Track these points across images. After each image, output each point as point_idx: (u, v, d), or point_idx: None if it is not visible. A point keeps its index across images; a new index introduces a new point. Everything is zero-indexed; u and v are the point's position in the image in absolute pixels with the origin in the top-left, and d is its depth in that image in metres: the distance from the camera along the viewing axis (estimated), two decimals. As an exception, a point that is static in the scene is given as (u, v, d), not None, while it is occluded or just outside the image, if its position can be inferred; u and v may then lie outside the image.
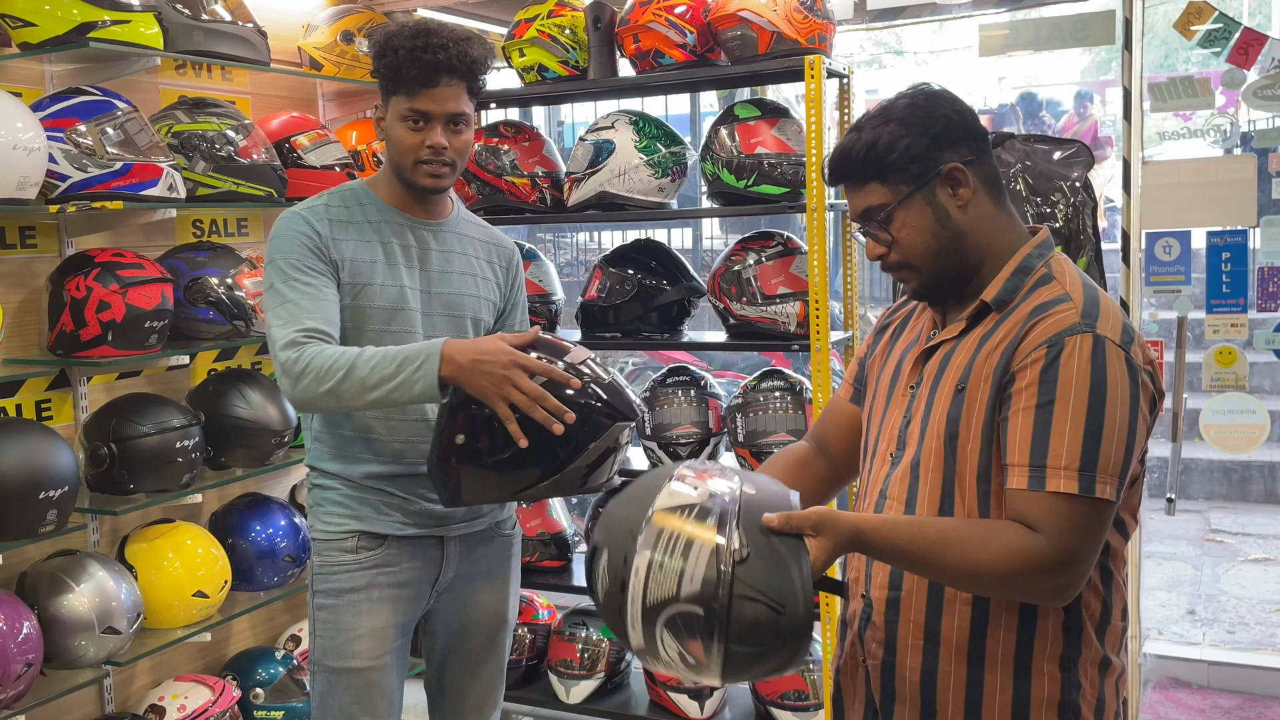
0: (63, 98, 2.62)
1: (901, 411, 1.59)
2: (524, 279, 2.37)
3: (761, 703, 3.13)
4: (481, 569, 2.24)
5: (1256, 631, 4.66)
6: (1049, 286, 1.49)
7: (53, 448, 2.52)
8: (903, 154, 1.50)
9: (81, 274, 2.64)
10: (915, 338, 1.64)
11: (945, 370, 1.53)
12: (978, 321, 1.52)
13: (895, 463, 1.58)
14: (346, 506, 2.12)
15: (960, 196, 1.51)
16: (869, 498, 1.62)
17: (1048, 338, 1.41)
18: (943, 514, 1.49)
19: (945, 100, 1.54)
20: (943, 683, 1.50)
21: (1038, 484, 1.38)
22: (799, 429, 2.97)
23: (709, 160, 3.02)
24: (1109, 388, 1.38)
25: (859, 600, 1.61)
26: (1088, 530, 1.38)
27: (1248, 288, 3.18)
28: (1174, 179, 3.20)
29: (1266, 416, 3.27)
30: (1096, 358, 1.39)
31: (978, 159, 1.52)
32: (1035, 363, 1.40)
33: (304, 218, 2.06)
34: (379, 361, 1.87)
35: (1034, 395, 1.40)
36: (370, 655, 2.10)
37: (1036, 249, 1.54)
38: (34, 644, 2.45)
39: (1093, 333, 1.40)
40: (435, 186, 2.10)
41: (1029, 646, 1.46)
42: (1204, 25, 3.11)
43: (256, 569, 3.05)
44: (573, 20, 3.15)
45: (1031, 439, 1.39)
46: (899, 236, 1.53)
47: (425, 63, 2.01)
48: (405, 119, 2.05)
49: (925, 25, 3.58)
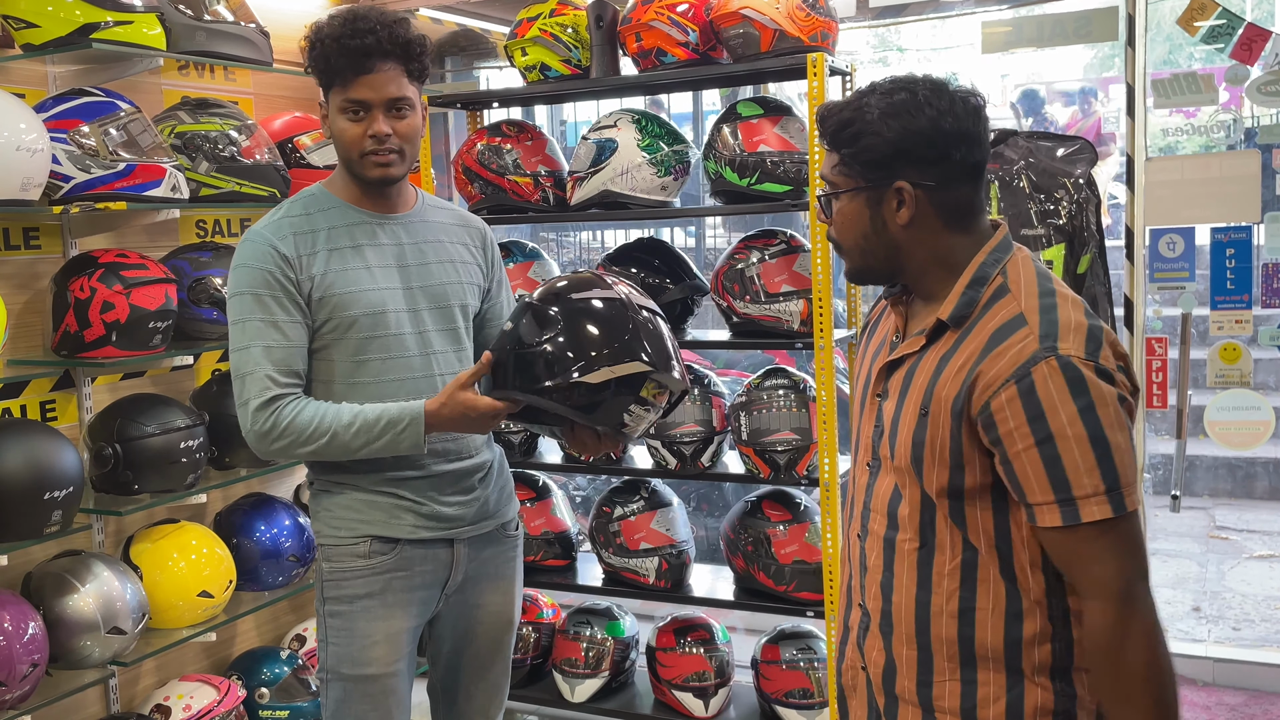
0: (66, 99, 2.63)
1: (871, 421, 1.59)
2: (499, 253, 2.33)
3: (767, 701, 3.13)
4: (488, 571, 2.23)
5: (1262, 628, 4.65)
6: (1004, 301, 1.45)
7: (57, 448, 2.52)
8: (863, 150, 1.47)
9: (85, 275, 2.65)
10: (882, 340, 1.64)
11: (909, 389, 1.51)
12: (936, 337, 1.50)
13: (873, 473, 1.59)
14: (357, 510, 2.09)
15: (901, 215, 1.47)
16: (855, 507, 1.64)
17: (1011, 373, 1.38)
18: (924, 527, 1.50)
19: (948, 114, 1.45)
20: (938, 691, 1.51)
21: (1072, 518, 1.37)
22: (803, 427, 2.97)
23: (711, 159, 3.02)
24: (1098, 407, 1.36)
25: (856, 608, 1.62)
26: (1134, 542, 1.39)
27: (1252, 284, 3.17)
28: (1178, 175, 3.19)
29: (1271, 413, 3.26)
30: (1072, 382, 1.36)
31: (940, 186, 1.47)
32: (1010, 401, 1.38)
33: (268, 244, 1.99)
34: (361, 426, 1.95)
35: (1028, 435, 1.37)
36: (386, 661, 2.08)
37: (991, 255, 1.49)
38: (39, 644, 2.45)
39: (1055, 355, 1.37)
40: (384, 176, 2.04)
41: (1018, 658, 1.46)
42: (1207, 21, 3.10)
43: (261, 569, 3.06)
44: (575, 19, 3.15)
45: (1047, 476, 1.37)
46: (836, 220, 1.54)
47: (354, 49, 1.96)
48: (344, 111, 2.00)
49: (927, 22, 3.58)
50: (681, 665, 3.17)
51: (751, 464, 3.03)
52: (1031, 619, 1.46)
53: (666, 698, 3.19)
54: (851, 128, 1.47)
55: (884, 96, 1.46)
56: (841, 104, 1.50)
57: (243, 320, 1.98)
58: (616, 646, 3.30)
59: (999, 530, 1.46)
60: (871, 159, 1.46)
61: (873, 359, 1.64)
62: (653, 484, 3.29)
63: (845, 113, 1.48)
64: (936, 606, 1.49)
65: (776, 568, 3.01)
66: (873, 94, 1.48)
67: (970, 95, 1.48)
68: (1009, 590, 1.46)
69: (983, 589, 1.47)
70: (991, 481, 1.44)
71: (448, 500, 2.12)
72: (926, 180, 1.46)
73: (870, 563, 1.58)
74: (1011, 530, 1.45)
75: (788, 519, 3.05)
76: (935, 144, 1.45)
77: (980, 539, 1.46)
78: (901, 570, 1.52)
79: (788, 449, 2.96)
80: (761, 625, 3.41)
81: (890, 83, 1.49)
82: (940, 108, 1.45)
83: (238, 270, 2.01)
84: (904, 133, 1.44)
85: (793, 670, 3.07)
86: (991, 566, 1.46)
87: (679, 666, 3.17)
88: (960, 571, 1.48)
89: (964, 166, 1.47)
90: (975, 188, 1.50)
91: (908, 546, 1.52)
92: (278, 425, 1.94)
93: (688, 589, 3.21)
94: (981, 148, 1.48)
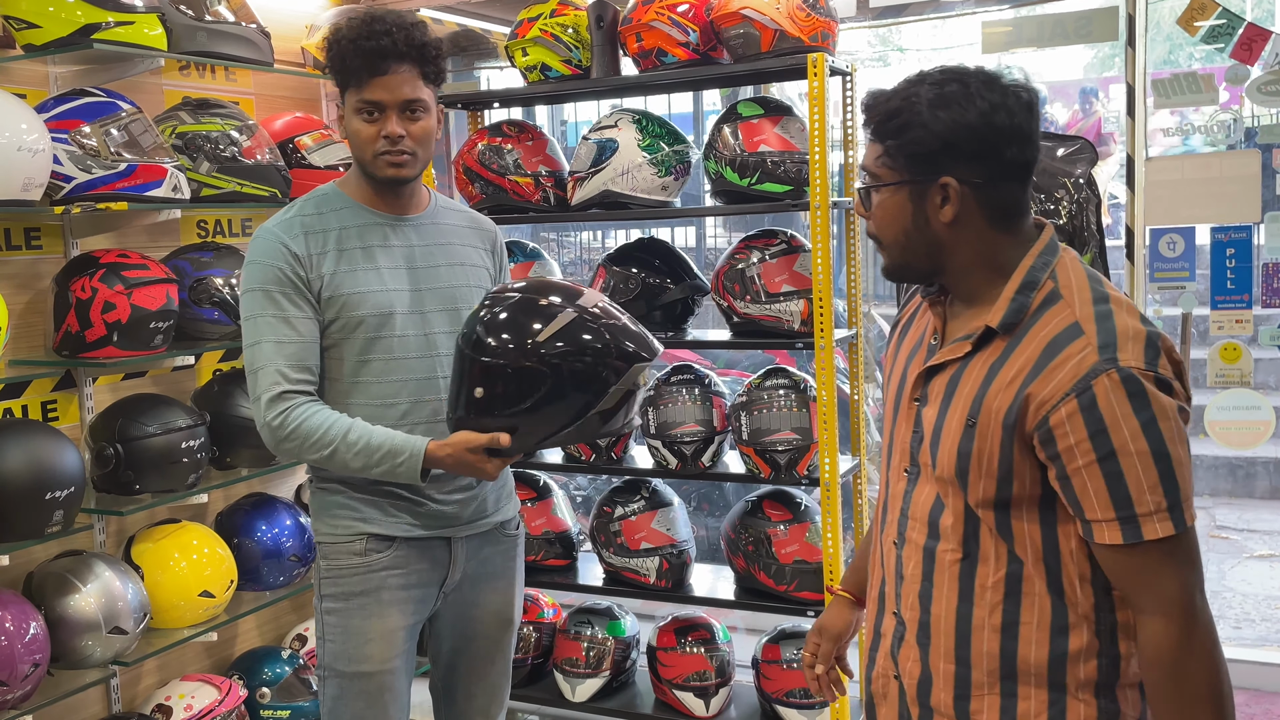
0: (67, 99, 2.63)
1: (909, 426, 1.54)
2: (507, 257, 2.35)
3: (767, 701, 3.13)
4: (488, 570, 2.23)
5: (1262, 628, 4.65)
6: (1057, 308, 1.40)
7: (58, 448, 2.52)
8: (909, 143, 1.40)
9: (86, 275, 2.65)
10: (918, 342, 1.57)
11: (954, 397, 1.46)
12: (984, 345, 1.44)
13: (912, 480, 1.53)
14: (353, 509, 2.10)
15: (944, 213, 1.41)
16: (891, 514, 1.58)
17: (1071, 386, 1.33)
18: (967, 538, 1.45)
19: (1000, 109, 1.38)
20: (976, 706, 1.46)
21: (1134, 535, 1.33)
22: (804, 427, 2.97)
23: (712, 159, 3.02)
24: (1159, 421, 1.32)
25: (890, 616, 1.57)
26: (1193, 557, 1.37)
27: (1252, 284, 3.17)
28: (1178, 175, 3.19)
29: (1271, 413, 3.26)
30: (1134, 396, 1.32)
31: (988, 183, 1.40)
32: (1071, 416, 1.33)
33: (279, 241, 2.02)
34: (362, 449, 1.97)
35: (1089, 451, 1.33)
36: (381, 659, 2.09)
37: (1040, 259, 1.44)
38: (41, 644, 2.46)
39: (1117, 368, 1.32)
40: (397, 177, 2.05)
41: (1061, 674, 1.42)
42: (1207, 21, 3.10)
43: (262, 568, 3.06)
44: (575, 19, 3.15)
45: (1109, 494, 1.33)
46: (876, 213, 1.47)
47: (370, 51, 1.98)
48: (360, 111, 2.02)
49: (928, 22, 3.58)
50: (682, 665, 3.17)
51: (752, 464, 3.04)
52: (1078, 634, 1.42)
53: (667, 697, 3.19)
54: (899, 118, 1.40)
55: (934, 87, 1.39)
56: (889, 93, 1.43)
57: (254, 316, 2.01)
58: (617, 646, 3.30)
59: (1046, 543, 1.41)
60: (917, 152, 1.40)
61: (908, 361, 1.57)
62: (653, 484, 3.30)
63: (893, 102, 1.41)
64: (979, 620, 1.45)
65: (777, 567, 3.01)
66: (922, 84, 1.41)
67: (1024, 89, 1.41)
68: (1055, 604, 1.42)
69: (1027, 603, 1.42)
70: (1040, 493, 1.40)
71: (445, 499, 2.13)
72: (974, 177, 1.39)
73: (908, 572, 1.53)
74: (1060, 543, 1.41)
75: (788, 519, 3.05)
76: (986, 139, 1.38)
77: (1027, 552, 1.42)
78: (942, 581, 1.48)
79: (788, 449, 2.96)
80: (762, 625, 3.42)
81: (941, 72, 1.42)
82: (993, 101, 1.38)
83: (249, 267, 2.03)
84: (953, 126, 1.37)
85: (793, 670, 3.07)
86: (1038, 580, 1.42)
87: (680, 666, 3.17)
88: (1004, 584, 1.43)
89: (1014, 164, 1.41)
90: (1024, 186, 1.44)
91: (949, 558, 1.47)
92: (286, 425, 1.97)
93: (688, 589, 3.21)
94: (1034, 145, 1.42)
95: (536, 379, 1.89)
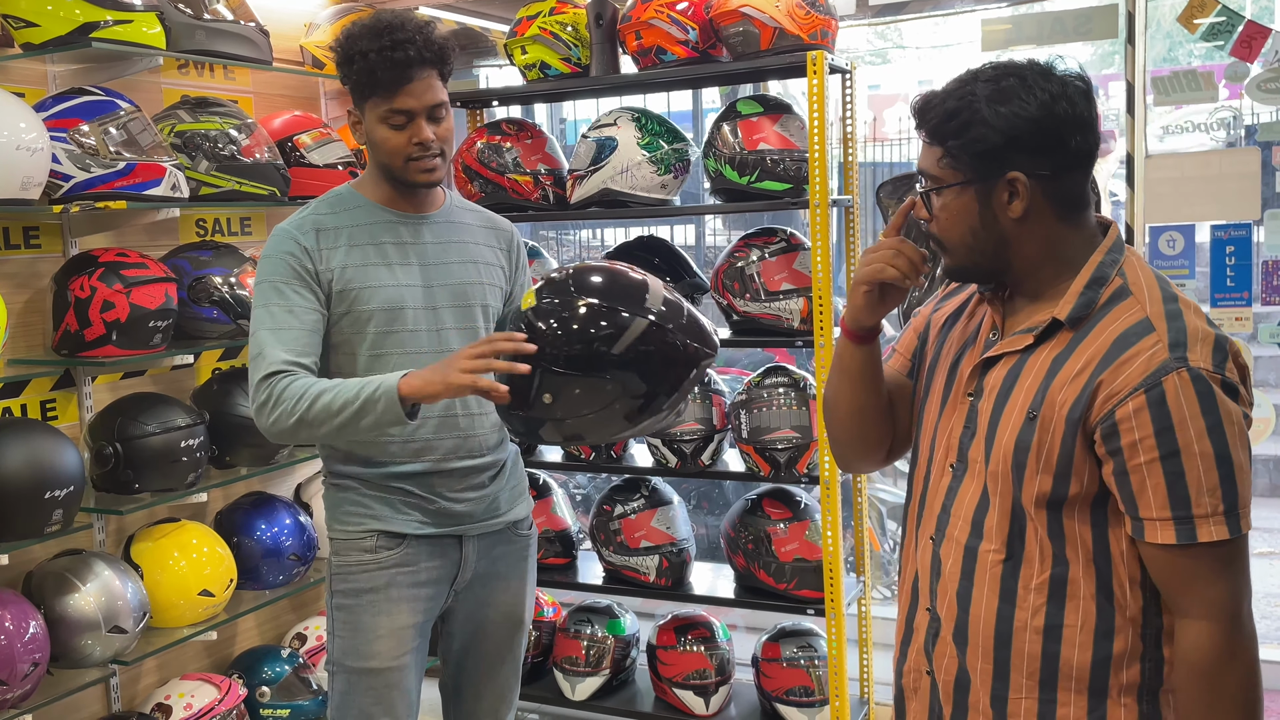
0: (65, 98, 2.63)
1: (961, 420, 1.51)
2: (526, 259, 2.34)
3: (767, 699, 3.13)
4: (499, 569, 2.23)
5: (1262, 626, 4.66)
6: (1126, 304, 1.38)
7: (58, 447, 2.52)
8: (972, 142, 1.38)
9: (85, 274, 2.65)
10: (972, 335, 1.54)
11: (1014, 389, 1.43)
12: (1048, 337, 1.42)
13: (957, 476, 1.51)
14: (364, 506, 2.10)
15: (1013, 208, 1.39)
16: (930, 509, 1.55)
17: (1141, 380, 1.32)
18: (1012, 539, 1.43)
19: (1061, 99, 1.37)
20: (1014, 709, 1.44)
21: (1188, 536, 1.32)
22: (803, 425, 2.97)
23: (711, 157, 3.02)
24: (1225, 424, 1.32)
25: (924, 612, 1.55)
26: (1244, 564, 1.36)
27: (1252, 281, 3.17)
28: (1177, 173, 3.19)
29: (1272, 410, 3.26)
30: (1203, 397, 1.31)
31: (1054, 175, 1.39)
32: (1138, 411, 1.32)
33: (290, 235, 2.05)
34: (340, 389, 1.88)
35: (1153, 449, 1.32)
36: (390, 655, 2.09)
37: (1109, 255, 1.42)
38: (40, 643, 2.45)
39: (1187, 367, 1.31)
40: (430, 181, 2.08)
41: (1104, 678, 1.40)
42: (1207, 18, 3.10)
43: (262, 567, 3.06)
44: (575, 17, 3.15)
45: (1168, 492, 1.32)
46: (939, 215, 1.45)
47: (397, 60, 1.97)
48: (386, 120, 2.02)
49: (927, 20, 3.57)
50: (682, 663, 3.17)
51: (752, 462, 3.04)
52: (1123, 637, 1.40)
53: (667, 696, 3.19)
54: (959, 118, 1.38)
55: (990, 83, 1.38)
56: (943, 93, 1.42)
57: (259, 307, 2.03)
58: (617, 645, 3.30)
59: (1097, 545, 1.40)
60: (982, 149, 1.37)
61: (958, 355, 1.55)
62: (653, 482, 3.30)
63: (949, 102, 1.40)
64: (1020, 621, 1.43)
65: (777, 566, 3.01)
66: (977, 81, 1.39)
67: (1079, 78, 1.40)
68: (1102, 607, 1.40)
69: (1071, 605, 1.41)
70: (1095, 492, 1.39)
71: (456, 496, 2.13)
72: (1041, 170, 1.38)
73: (946, 569, 1.51)
74: (1111, 545, 1.39)
75: (788, 517, 3.05)
76: (1050, 130, 1.37)
77: (1078, 553, 1.40)
78: (983, 581, 1.46)
79: (788, 447, 2.96)
80: (762, 623, 3.42)
81: (994, 69, 1.40)
82: (1053, 91, 1.37)
83: (261, 261, 2.06)
84: (1015, 120, 1.36)
85: (793, 668, 3.07)
86: (1085, 582, 1.40)
87: (679, 664, 3.17)
88: (1049, 586, 1.41)
89: (1079, 154, 1.39)
90: (1086, 176, 1.42)
91: (992, 558, 1.45)
92: (271, 396, 1.93)
93: (688, 587, 3.21)
94: (1095, 133, 1.40)
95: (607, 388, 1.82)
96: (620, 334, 1.80)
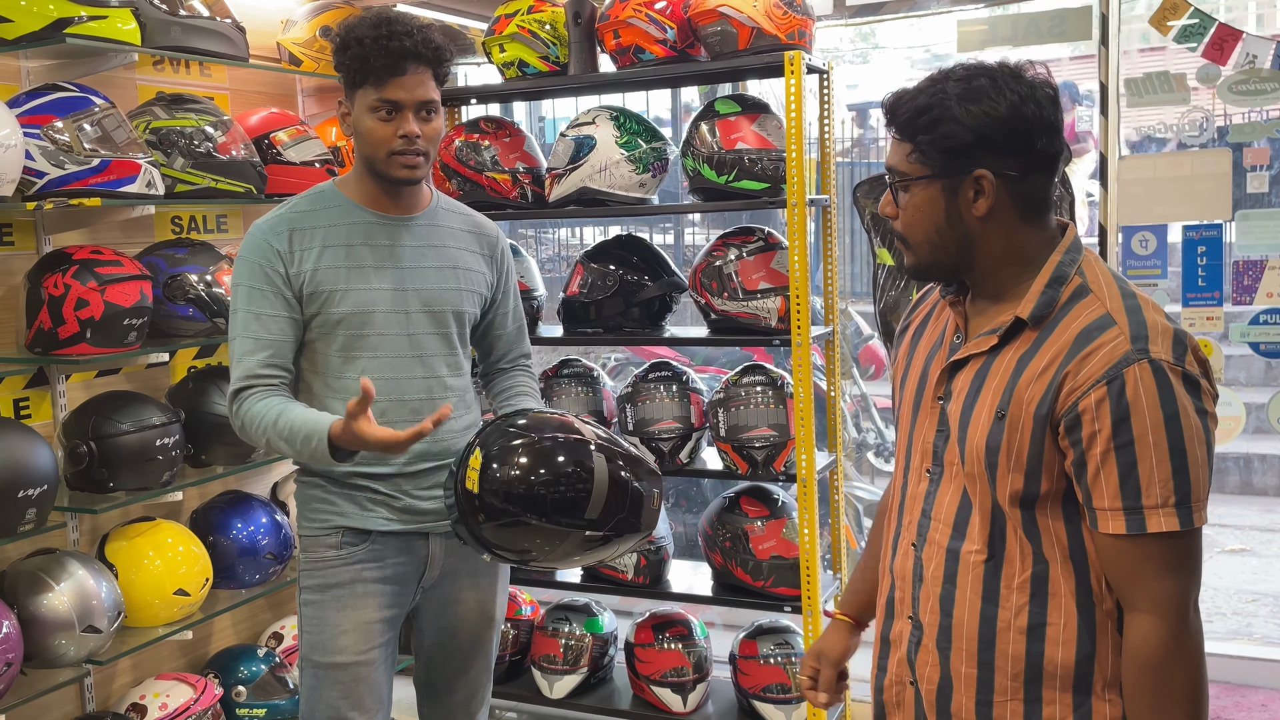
0: (39, 94, 2.60)
1: (933, 425, 1.53)
2: (512, 264, 2.35)
3: (745, 696, 3.14)
4: (469, 567, 2.23)
5: (1234, 621, 4.71)
6: (1086, 301, 1.41)
7: (31, 446, 2.50)
8: (940, 138, 1.40)
9: (59, 271, 2.63)
10: (938, 340, 1.57)
11: (982, 390, 1.45)
12: (1012, 338, 1.44)
13: (934, 480, 1.53)
14: (330, 503, 2.12)
15: (978, 206, 1.42)
16: (911, 514, 1.57)
17: (1104, 372, 1.34)
18: (993, 538, 1.45)
19: (1029, 100, 1.39)
20: (999, 712, 1.46)
21: (1137, 527, 1.34)
22: (780, 423, 2.98)
23: (690, 156, 3.03)
24: (1182, 416, 1.33)
25: (905, 621, 1.56)
26: (1195, 560, 1.37)
27: (1223, 281, 3.21)
28: (1150, 173, 3.22)
29: (1242, 409, 3.30)
30: (1162, 388, 1.33)
31: (1021, 176, 1.41)
32: (1100, 402, 1.34)
33: (265, 237, 2.06)
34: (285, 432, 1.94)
35: (1109, 439, 1.34)
36: (356, 650, 2.10)
37: (1067, 255, 1.45)
38: (14, 643, 2.44)
39: (1148, 359, 1.33)
40: (410, 178, 2.08)
41: (1088, 675, 1.42)
42: (1180, 20, 3.13)
43: (238, 566, 3.04)
44: (553, 16, 3.15)
45: (1119, 482, 1.34)
46: (905, 211, 1.47)
47: (392, 50, 1.99)
48: (375, 110, 2.03)
49: (905, 21, 3.60)
50: (660, 661, 3.18)
51: (729, 460, 3.05)
52: (1104, 632, 1.42)
53: (645, 693, 3.19)
54: (929, 114, 1.40)
55: (961, 82, 1.40)
56: (915, 91, 1.44)
57: (235, 310, 2.06)
58: (595, 643, 3.30)
59: (1073, 541, 1.41)
60: (951, 145, 1.40)
61: (927, 360, 1.57)
62: (631, 480, 3.30)
63: (920, 99, 1.42)
64: (1004, 622, 1.44)
65: (754, 563, 3.02)
66: (948, 80, 1.42)
67: (1047, 83, 1.42)
68: (1082, 603, 1.42)
69: (1054, 603, 1.42)
70: (1065, 488, 1.41)
71: (423, 494, 2.14)
72: (1008, 169, 1.40)
73: (928, 574, 1.52)
74: (1085, 541, 1.41)
75: (765, 515, 3.06)
76: (1017, 131, 1.39)
77: (1055, 551, 1.42)
78: (965, 583, 1.47)
79: (765, 445, 2.98)
80: (739, 621, 3.43)
81: (965, 69, 1.43)
82: (1021, 93, 1.39)
83: (237, 262, 2.09)
84: (985, 119, 1.38)
85: (770, 665, 3.09)
86: (1064, 580, 1.42)
87: (657, 662, 3.18)
88: (1030, 585, 1.43)
89: (1044, 156, 1.42)
90: (1051, 179, 1.45)
91: (974, 558, 1.46)
92: (239, 414, 2.03)
93: (666, 585, 3.22)
94: (1060, 137, 1.43)
95: (580, 540, 1.95)
96: (564, 540, 1.92)
